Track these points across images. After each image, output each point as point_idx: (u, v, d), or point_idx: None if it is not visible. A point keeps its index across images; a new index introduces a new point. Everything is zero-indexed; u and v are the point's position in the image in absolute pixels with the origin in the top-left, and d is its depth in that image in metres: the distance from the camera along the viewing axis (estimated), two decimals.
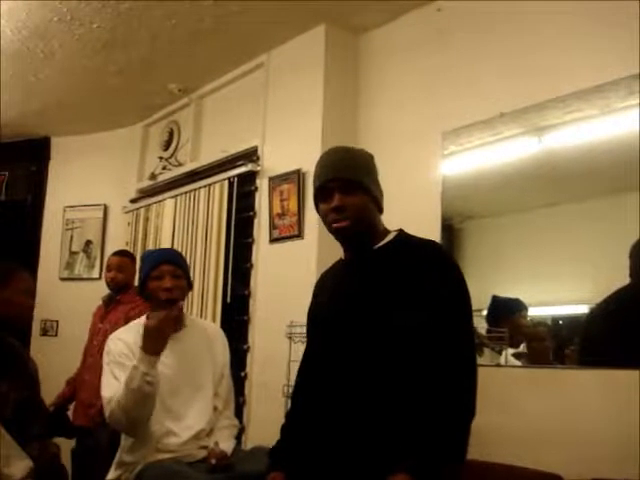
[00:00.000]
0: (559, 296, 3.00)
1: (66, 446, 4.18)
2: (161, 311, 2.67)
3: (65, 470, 3.33)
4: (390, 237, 2.08)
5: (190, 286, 3.03)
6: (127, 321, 4.29)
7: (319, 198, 2.08)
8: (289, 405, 3.52)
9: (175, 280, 2.86)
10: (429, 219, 3.41)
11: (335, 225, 2.03)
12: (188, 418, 2.78)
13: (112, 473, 2.79)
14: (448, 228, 3.42)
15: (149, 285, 2.86)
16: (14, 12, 3.94)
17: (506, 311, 3.15)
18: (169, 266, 2.88)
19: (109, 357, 2.82)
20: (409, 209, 3.39)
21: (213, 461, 2.64)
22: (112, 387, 2.67)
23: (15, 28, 4.13)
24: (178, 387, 2.80)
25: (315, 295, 2.32)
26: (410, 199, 3.52)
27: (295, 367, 3.51)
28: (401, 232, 2.11)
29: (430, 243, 2.06)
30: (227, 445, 2.79)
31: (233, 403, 3.09)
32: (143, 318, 2.96)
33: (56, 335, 6.01)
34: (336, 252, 3.74)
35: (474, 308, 1.97)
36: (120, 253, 4.85)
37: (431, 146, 3.53)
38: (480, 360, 2.63)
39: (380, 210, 2.10)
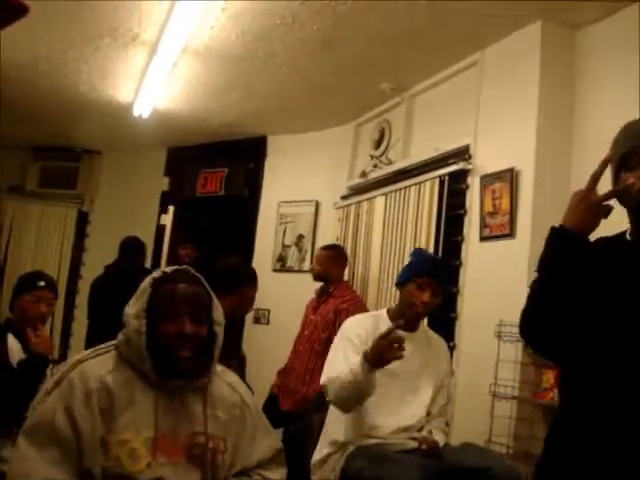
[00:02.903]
0: None
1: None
2: (392, 341, 2.65)
3: None
4: None
5: (443, 298, 3.14)
6: (336, 314, 4.47)
7: (623, 166, 1.81)
8: (495, 404, 3.54)
9: (432, 297, 2.98)
10: None
11: None
12: (401, 412, 2.87)
13: (321, 450, 2.92)
14: None
15: (408, 288, 2.99)
16: (240, 17, 4.15)
17: None
18: (432, 280, 2.99)
19: (343, 334, 2.99)
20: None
21: (424, 446, 2.70)
22: (339, 365, 2.82)
23: (240, 33, 4.36)
24: (399, 383, 2.89)
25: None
26: None
27: (504, 366, 3.53)
28: None
29: None
30: (439, 437, 2.84)
31: (447, 414, 3.16)
32: (382, 312, 3.09)
33: (268, 323, 6.32)
34: None
35: None
36: (327, 247, 5.02)
37: None
38: None
39: None
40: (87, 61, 5.01)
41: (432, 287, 2.96)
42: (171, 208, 7.34)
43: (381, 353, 2.62)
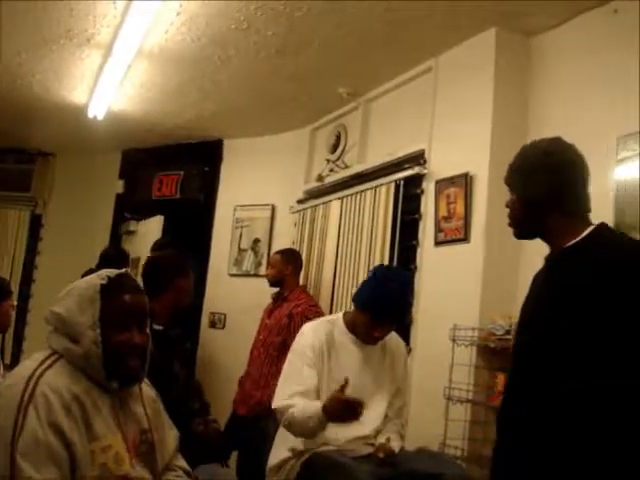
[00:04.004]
0: None
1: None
2: (349, 408, 2.64)
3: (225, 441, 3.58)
4: (585, 234, 1.94)
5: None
6: (290, 318, 4.48)
7: None
8: (450, 407, 3.57)
9: (388, 331, 2.98)
10: None
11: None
12: (357, 423, 2.86)
13: (277, 455, 2.91)
14: None
15: (364, 317, 2.92)
16: (195, 21, 4.14)
17: None
18: (392, 324, 2.98)
19: (296, 347, 2.96)
20: None
21: (381, 454, 2.71)
22: (292, 382, 2.82)
23: (195, 36, 4.34)
24: (355, 390, 2.88)
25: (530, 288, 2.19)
26: None
27: (458, 370, 3.56)
28: (600, 227, 1.97)
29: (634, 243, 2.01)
30: (396, 444, 2.85)
31: (405, 416, 3.17)
32: (339, 318, 3.08)
33: (223, 328, 6.27)
34: (503, 256, 3.73)
35: None
36: (281, 252, 5.02)
37: (604, 151, 3.41)
38: None
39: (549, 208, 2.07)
40: (41, 62, 4.94)
41: (388, 328, 2.96)
42: (160, 217, 7.13)
43: (339, 414, 2.63)
